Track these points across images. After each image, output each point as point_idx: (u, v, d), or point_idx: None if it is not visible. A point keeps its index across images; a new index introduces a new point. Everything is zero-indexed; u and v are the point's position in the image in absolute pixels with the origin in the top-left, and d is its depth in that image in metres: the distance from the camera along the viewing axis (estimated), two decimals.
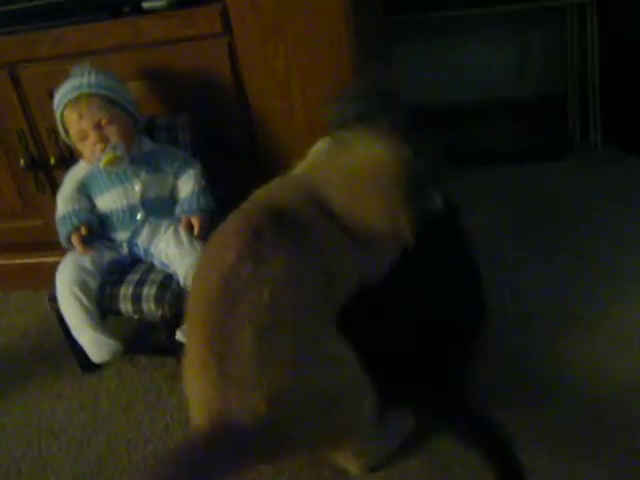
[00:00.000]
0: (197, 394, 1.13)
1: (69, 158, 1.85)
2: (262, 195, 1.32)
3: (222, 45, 1.72)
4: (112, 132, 1.59)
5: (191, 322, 1.18)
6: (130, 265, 1.67)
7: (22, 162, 1.93)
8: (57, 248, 1.70)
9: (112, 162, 1.60)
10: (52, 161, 1.90)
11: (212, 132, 1.80)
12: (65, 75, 1.67)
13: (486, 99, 2.61)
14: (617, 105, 2.38)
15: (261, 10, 1.66)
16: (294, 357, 1.12)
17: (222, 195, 1.75)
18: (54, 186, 1.94)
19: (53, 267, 1.64)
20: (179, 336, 1.58)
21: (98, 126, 1.58)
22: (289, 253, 1.18)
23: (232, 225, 1.24)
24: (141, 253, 1.67)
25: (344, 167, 1.33)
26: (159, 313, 1.58)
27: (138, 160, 1.64)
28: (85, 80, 1.59)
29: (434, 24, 2.51)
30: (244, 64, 1.73)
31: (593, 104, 2.39)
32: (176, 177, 1.68)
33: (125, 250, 1.66)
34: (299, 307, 1.15)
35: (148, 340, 1.78)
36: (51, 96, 1.80)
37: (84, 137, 1.60)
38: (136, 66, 1.77)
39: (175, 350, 1.61)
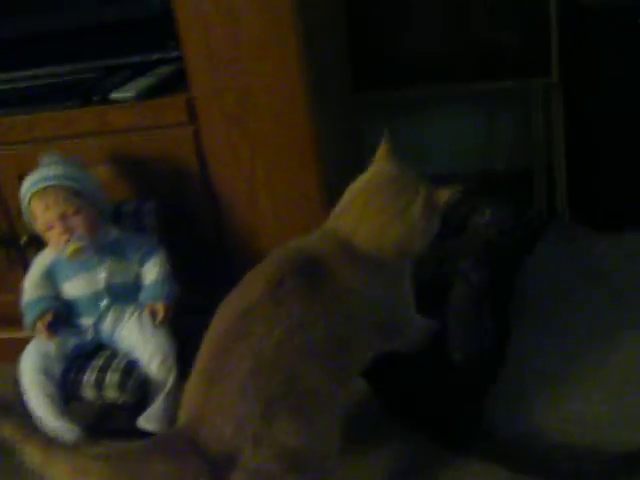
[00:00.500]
0: (185, 398, 1.26)
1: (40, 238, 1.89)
2: (296, 243, 1.43)
3: (188, 133, 1.78)
4: (77, 223, 1.63)
5: (205, 340, 1.32)
6: (94, 350, 1.69)
7: None
8: None
9: (77, 253, 1.63)
10: (24, 239, 1.93)
11: (178, 217, 1.85)
12: (36, 160, 1.72)
13: (454, 174, 2.67)
14: (582, 182, 2.43)
15: (225, 101, 1.72)
16: (279, 402, 1.18)
17: (188, 279, 1.80)
18: (26, 264, 1.98)
19: (24, 342, 1.67)
20: (142, 423, 1.61)
21: (64, 217, 1.62)
22: (307, 302, 1.27)
23: (262, 268, 1.37)
24: (106, 338, 1.70)
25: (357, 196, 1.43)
26: (121, 400, 1.61)
27: (103, 248, 1.68)
28: (52, 172, 1.63)
29: (403, 101, 2.57)
30: (209, 152, 1.78)
31: (559, 180, 2.44)
32: (141, 264, 1.71)
33: (90, 336, 1.69)
34: (304, 354, 1.23)
35: (111, 424, 1.80)
36: (22, 180, 1.85)
37: (50, 227, 1.64)
38: (105, 152, 1.82)
39: (138, 436, 1.65)
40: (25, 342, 1.67)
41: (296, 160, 1.76)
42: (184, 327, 1.88)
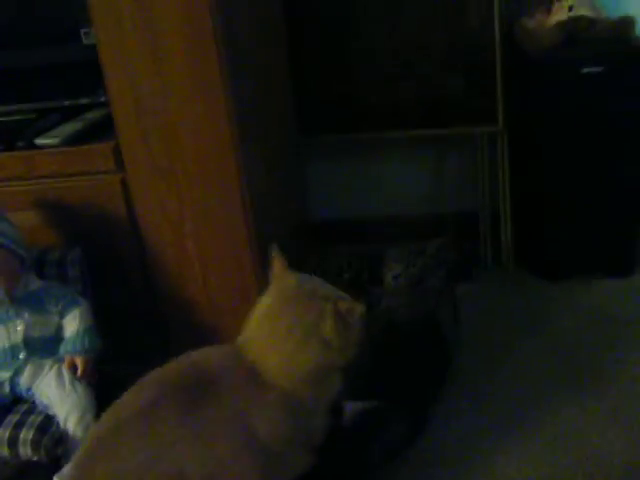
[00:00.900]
0: None
1: None
2: (199, 354, 1.38)
3: (115, 181, 1.74)
4: None
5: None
6: (11, 405, 1.64)
7: None
8: None
9: None
10: None
11: (106, 265, 1.81)
12: None
13: (399, 216, 2.65)
14: (528, 229, 2.42)
15: (152, 147, 1.68)
16: None
17: (116, 327, 1.76)
18: None
19: None
20: None
21: None
22: (179, 424, 1.24)
23: (153, 376, 1.35)
24: (23, 392, 1.64)
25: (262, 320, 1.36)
26: (36, 458, 1.55)
27: (22, 300, 1.63)
28: None
29: (352, 144, 2.56)
30: (137, 201, 1.75)
31: (505, 226, 2.43)
32: (61, 316, 1.66)
33: (6, 389, 1.63)
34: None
35: None
36: None
37: None
38: (30, 197, 1.78)
39: None
40: None
41: (225, 208, 1.72)
42: (110, 376, 1.85)
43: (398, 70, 2.34)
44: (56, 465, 1.57)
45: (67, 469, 1.55)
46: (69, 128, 1.76)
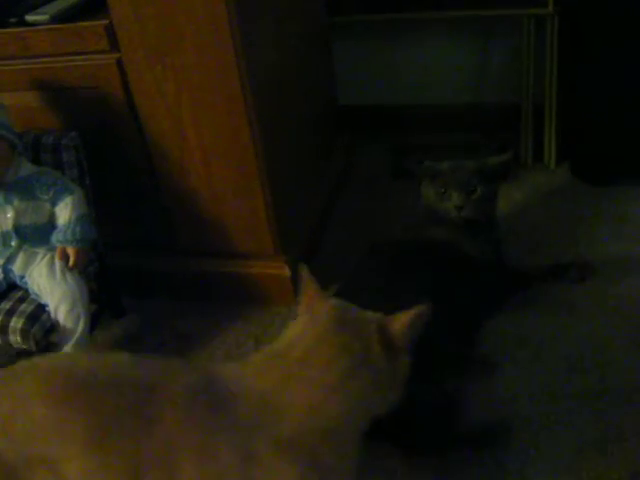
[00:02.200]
0: None
1: None
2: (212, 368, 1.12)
3: (111, 61, 1.62)
4: None
5: None
6: (4, 291, 1.62)
7: None
8: None
9: None
10: None
11: (106, 150, 1.73)
12: None
13: (439, 105, 2.46)
14: (571, 125, 2.20)
15: (147, 30, 1.55)
16: None
17: (115, 214, 1.70)
18: None
19: None
20: None
21: None
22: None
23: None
24: (16, 280, 1.62)
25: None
26: (25, 346, 1.54)
27: (11, 186, 1.57)
28: None
29: (388, 25, 2.36)
30: (134, 85, 1.64)
31: (549, 122, 2.22)
32: (53, 204, 1.60)
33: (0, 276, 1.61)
34: None
35: None
36: None
37: None
38: (25, 77, 1.69)
39: None
40: None
41: (223, 95, 1.60)
42: (110, 264, 1.81)
43: None
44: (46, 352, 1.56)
45: None
46: (60, 3, 1.64)
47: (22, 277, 1.61)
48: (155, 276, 1.93)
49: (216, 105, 1.61)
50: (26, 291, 1.61)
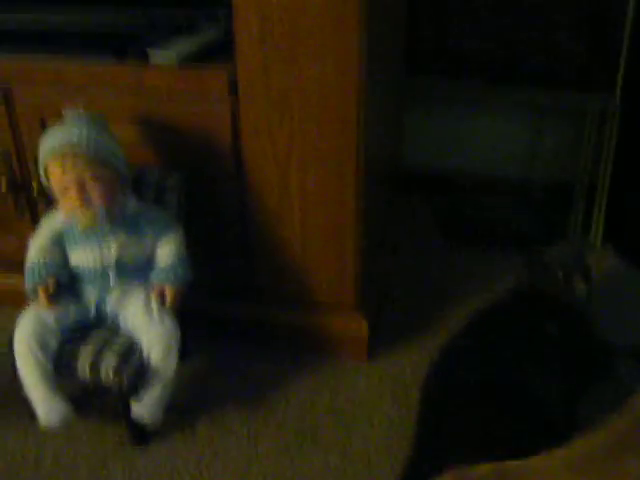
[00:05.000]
0: None
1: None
2: None
3: (226, 108, 1.64)
4: (95, 191, 1.50)
5: None
6: (95, 325, 1.60)
7: (3, 183, 1.84)
8: None
9: (90, 222, 1.53)
10: (36, 188, 1.81)
11: (203, 194, 1.74)
12: (61, 107, 1.59)
13: (492, 178, 2.54)
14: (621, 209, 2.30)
15: (271, 80, 1.57)
16: None
17: (204, 261, 1.71)
18: (34, 212, 1.89)
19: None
20: (135, 411, 1.56)
21: (81, 184, 1.50)
22: None
23: None
24: (109, 316, 1.60)
25: None
26: (116, 384, 1.52)
27: (118, 220, 1.56)
28: (75, 134, 1.49)
29: (452, 93, 2.42)
30: (245, 132, 1.65)
31: (599, 203, 2.32)
32: (156, 241, 1.60)
33: (92, 310, 1.59)
34: None
35: (99, 403, 1.71)
36: (42, 125, 1.73)
37: (65, 192, 1.51)
38: (135, 111, 1.69)
39: (126, 419, 1.58)
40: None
41: (335, 152, 1.63)
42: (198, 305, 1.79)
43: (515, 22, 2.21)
44: (133, 392, 1.56)
45: (147, 399, 1.54)
46: (185, 44, 1.65)
47: (115, 313, 1.59)
48: (229, 322, 1.92)
49: (326, 160, 1.64)
50: (117, 326, 1.60)
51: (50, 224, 1.60)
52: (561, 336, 1.56)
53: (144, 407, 1.56)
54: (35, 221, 1.81)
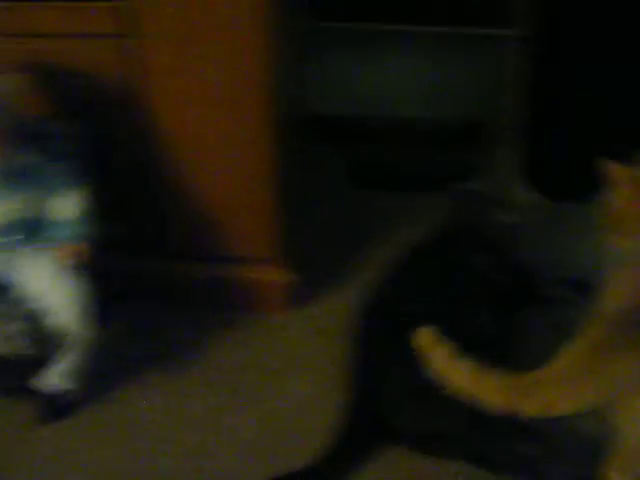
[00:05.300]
0: None
1: None
2: None
3: (118, 46, 1.54)
4: None
5: None
6: None
7: None
8: None
9: None
10: None
11: (107, 142, 1.63)
12: None
13: (398, 118, 2.50)
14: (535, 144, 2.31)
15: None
16: None
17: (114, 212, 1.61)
18: None
19: None
20: (52, 379, 1.47)
21: None
22: None
23: None
24: (8, 280, 1.46)
25: None
26: (26, 355, 1.41)
27: (7, 174, 1.40)
28: None
29: (357, 35, 2.37)
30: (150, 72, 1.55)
31: (513, 139, 2.31)
32: (52, 198, 1.46)
33: None
34: None
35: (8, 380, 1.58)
36: None
37: None
38: (28, 57, 1.55)
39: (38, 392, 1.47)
40: None
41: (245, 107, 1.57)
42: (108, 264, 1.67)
43: None
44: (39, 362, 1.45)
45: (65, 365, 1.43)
46: None
47: (15, 277, 1.46)
48: (143, 279, 1.81)
49: (231, 102, 1.56)
50: (18, 292, 1.46)
51: None
52: (488, 265, 1.58)
53: (58, 376, 1.46)
54: None
